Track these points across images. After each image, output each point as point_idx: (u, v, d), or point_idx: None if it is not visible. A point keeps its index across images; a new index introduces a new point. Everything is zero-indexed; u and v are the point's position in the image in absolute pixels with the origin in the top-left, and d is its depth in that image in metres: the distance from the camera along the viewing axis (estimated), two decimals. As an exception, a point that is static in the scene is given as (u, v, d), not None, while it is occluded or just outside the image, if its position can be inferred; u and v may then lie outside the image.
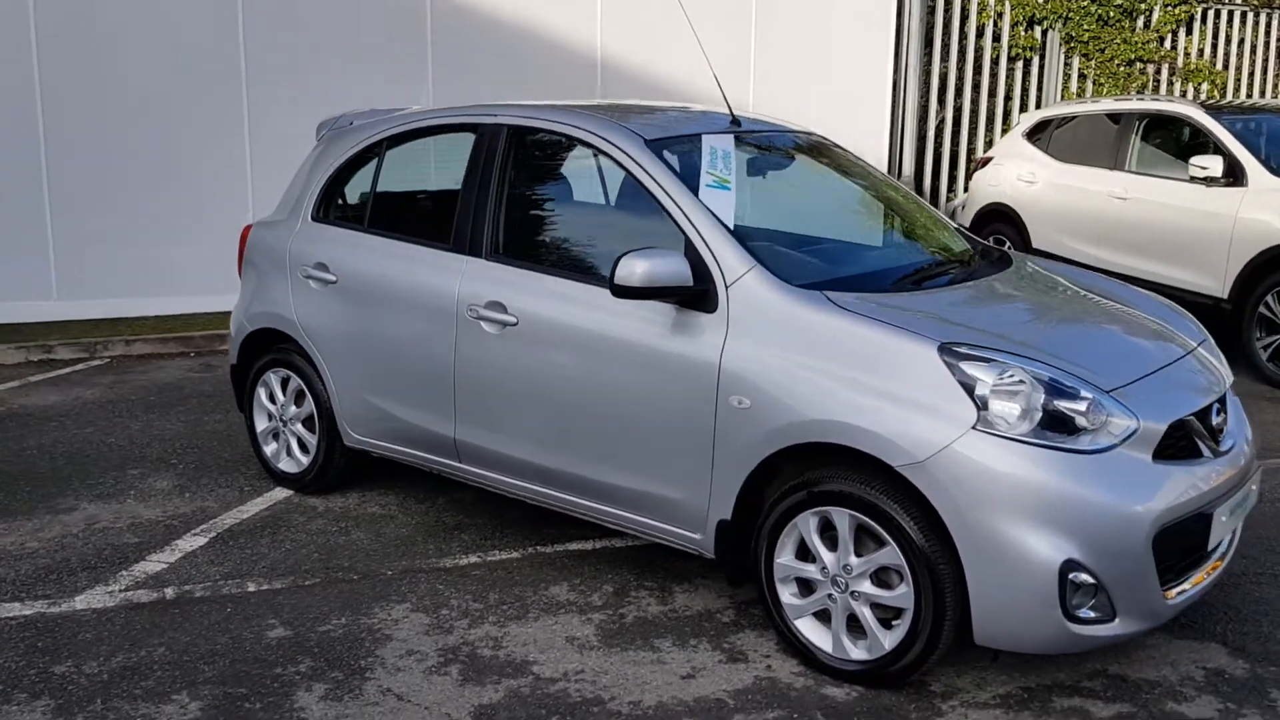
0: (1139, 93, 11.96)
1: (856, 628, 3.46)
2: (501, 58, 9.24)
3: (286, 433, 5.08)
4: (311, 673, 3.55)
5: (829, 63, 10.30)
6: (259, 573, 4.28)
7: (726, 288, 3.64)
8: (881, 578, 3.38)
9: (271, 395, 5.12)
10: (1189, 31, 12.23)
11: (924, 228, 4.63)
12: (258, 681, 3.49)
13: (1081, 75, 11.79)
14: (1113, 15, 11.69)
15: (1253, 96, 12.77)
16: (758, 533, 3.60)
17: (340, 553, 4.47)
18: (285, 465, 5.11)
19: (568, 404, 3.98)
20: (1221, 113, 8.10)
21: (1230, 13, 12.35)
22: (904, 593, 3.31)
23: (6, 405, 6.50)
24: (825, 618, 3.52)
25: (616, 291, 3.61)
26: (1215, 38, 12.38)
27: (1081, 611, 3.17)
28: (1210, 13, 12.23)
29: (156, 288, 8.54)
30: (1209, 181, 7.66)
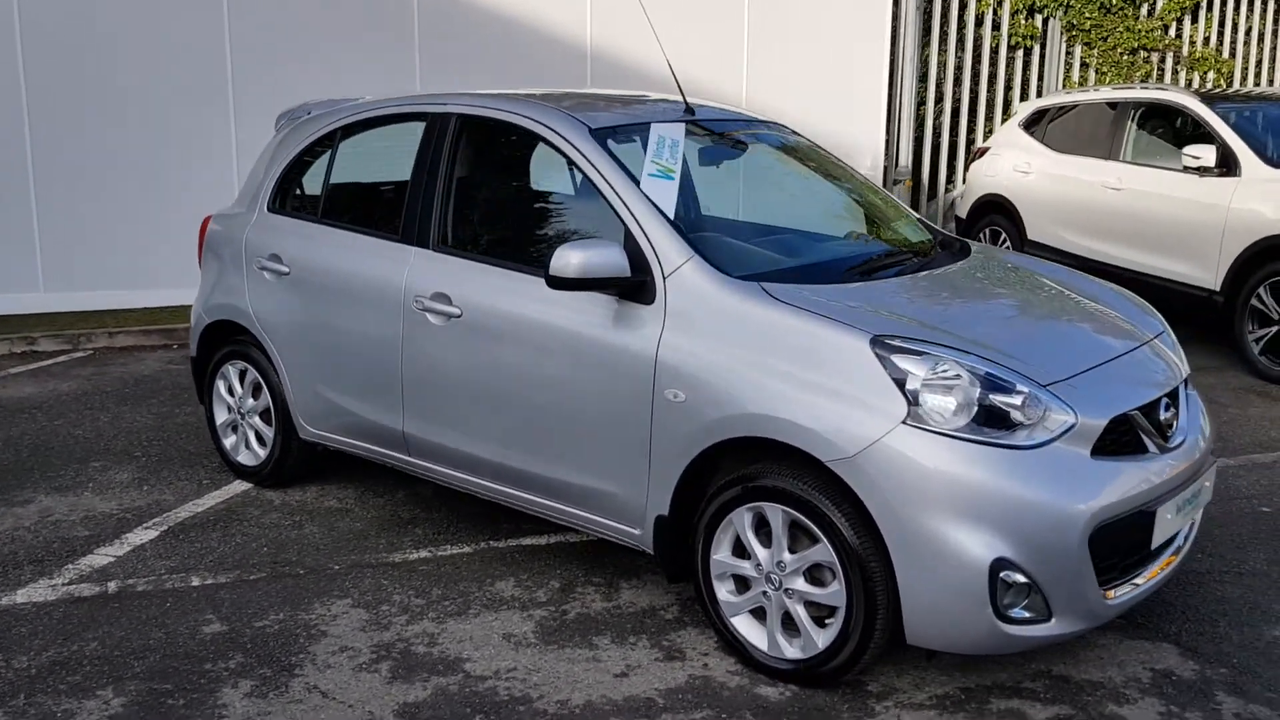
0: (1143, 82, 11.78)
1: (793, 626, 3.38)
2: (490, 48, 9.18)
3: (244, 425, 5.05)
4: (240, 669, 3.50)
5: (824, 51, 10.17)
6: (205, 567, 4.24)
7: (664, 279, 3.56)
8: (815, 575, 3.30)
9: (230, 388, 5.08)
10: (1194, 19, 12.03)
11: (883, 218, 4.55)
12: (185, 677, 3.45)
13: (1084, 64, 11.61)
14: (1115, 3, 11.51)
15: (1260, 86, 12.56)
16: (694, 528, 3.53)
17: (290, 547, 4.43)
18: (244, 458, 5.08)
19: (510, 397, 3.92)
20: (1217, 101, 7.95)
21: (1237, 0, 12.14)
22: (836, 590, 3.23)
23: (-19, 397, 6.50)
24: (761, 615, 3.45)
25: (552, 283, 3.55)
26: (1222, 26, 12.18)
27: (1014, 611, 3.08)
28: (1216, 0, 12.02)
29: (142, 280, 8.53)
30: (1202, 171, 7.52)
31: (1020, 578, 3.05)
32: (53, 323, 8.08)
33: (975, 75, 11.34)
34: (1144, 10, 11.79)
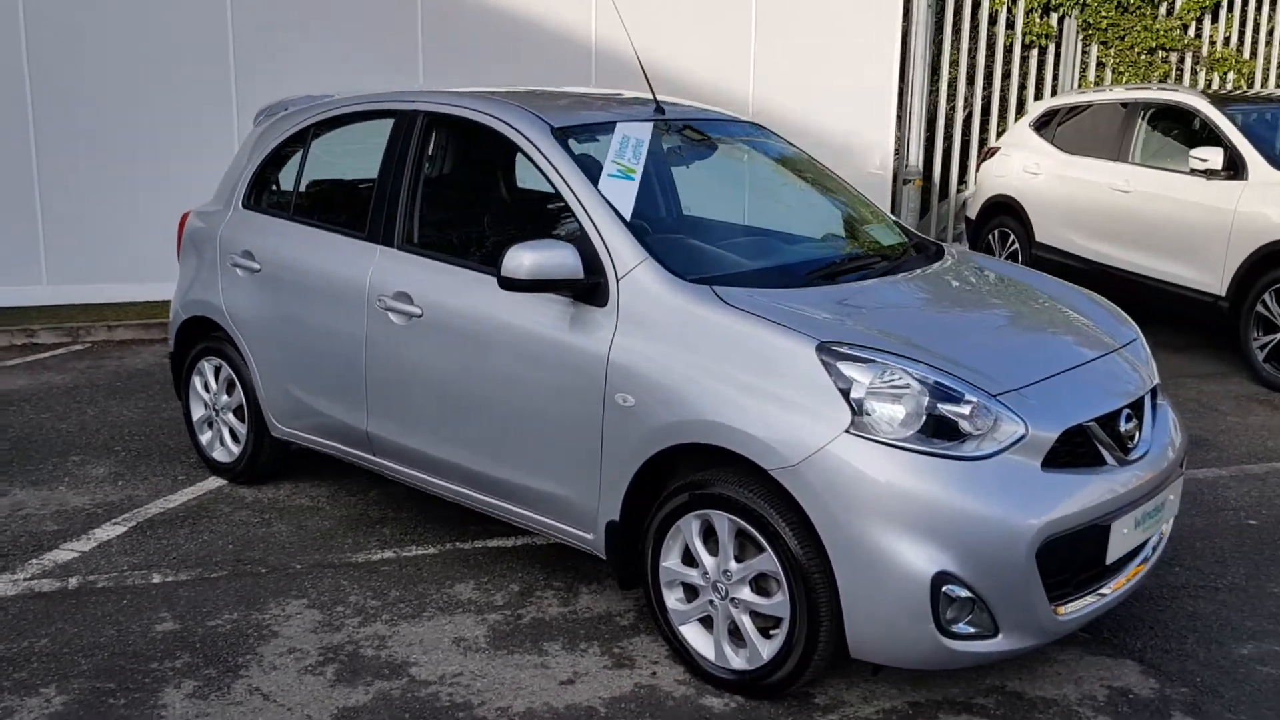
0: (1160, 82, 11.58)
1: (740, 636, 3.32)
2: (494, 43, 9.15)
3: (219, 421, 5.05)
4: (186, 669, 3.49)
5: (832, 49, 10.07)
6: (168, 564, 4.24)
7: (618, 281, 3.51)
8: (761, 585, 3.25)
9: (206, 384, 5.08)
10: (1214, 19, 11.81)
11: (857, 220, 4.47)
12: (129, 676, 3.44)
13: (1100, 64, 11.43)
14: (1133, 2, 11.32)
15: (1283, 87, 12.34)
16: (644, 535, 3.48)
17: (255, 545, 4.42)
18: (218, 454, 5.07)
19: (468, 398, 3.88)
20: (1229, 103, 7.79)
21: (1260, -1, 11.93)
22: (780, 601, 3.17)
23: (-27, 389, 6.55)
24: (709, 624, 3.39)
25: (503, 284, 3.51)
26: (1243, 26, 11.95)
27: (957, 626, 3.01)
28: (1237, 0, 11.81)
29: (143, 274, 8.55)
30: (1209, 174, 7.38)
31: (964, 592, 2.97)
32: (54, 315, 8.13)
33: (989, 74, 11.20)
34: (1162, 9, 11.59)
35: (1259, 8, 11.93)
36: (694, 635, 3.42)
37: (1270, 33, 12.08)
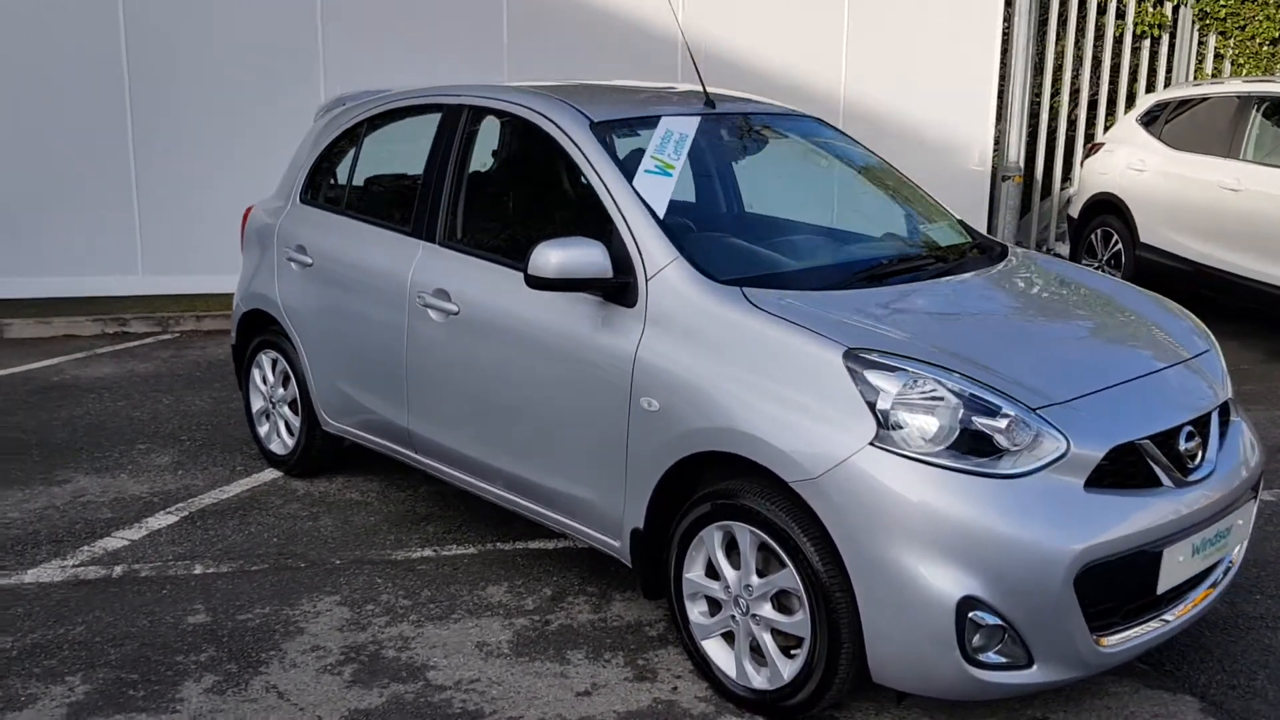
0: (1285, 74, 10.92)
1: (762, 653, 3.17)
2: (579, 36, 9.09)
3: (275, 414, 5.08)
4: (209, 663, 3.49)
5: (929, 40, 9.75)
6: (212, 555, 4.27)
7: (647, 281, 3.39)
8: (783, 602, 3.09)
9: (264, 376, 5.12)
10: (1348, 7, 11.10)
11: (919, 219, 4.26)
12: (153, 668, 3.46)
13: (1218, 55, 10.84)
14: (1256, -11, 10.71)
15: None
16: (669, 544, 3.36)
17: (299, 539, 4.42)
18: (275, 447, 5.11)
19: (502, 398, 3.81)
20: (1351, 96, 7.30)
21: (1400, -15, 11.15)
22: (801, 620, 3.01)
23: (61, 376, 6.75)
24: (731, 640, 3.25)
25: (530, 282, 3.42)
26: (1380, 14, 11.20)
27: (986, 655, 2.81)
28: (1375, -15, 11.07)
29: (235, 265, 8.63)
30: (1326, 172, 6.91)
31: (993, 619, 2.78)
32: (147, 305, 8.36)
33: (1097, 67, 10.71)
34: (1290, -4, 10.94)
35: (1397, -6, 11.16)
36: (716, 650, 3.29)
37: None
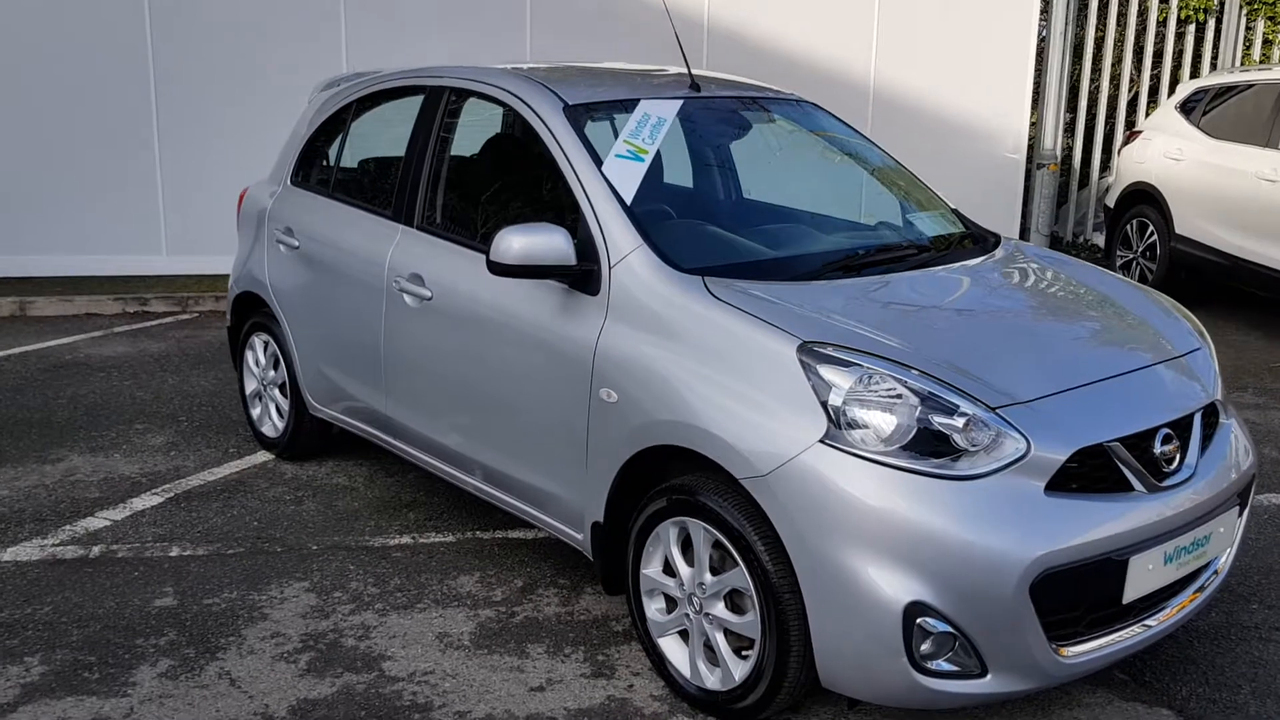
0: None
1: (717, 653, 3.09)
2: (602, 17, 8.99)
3: (266, 397, 5.07)
4: (168, 647, 3.47)
5: (962, 23, 9.52)
6: (191, 537, 4.26)
7: (610, 268, 3.30)
8: (736, 601, 3.00)
9: (257, 359, 5.11)
10: (1406, -10, 10.67)
11: (909, 207, 4.13)
12: (112, 651, 3.45)
13: (1266, 41, 10.47)
14: (1308, -28, 10.33)
15: None
16: (627, 539, 3.28)
17: (279, 523, 4.40)
18: (266, 429, 5.10)
19: (473, 386, 3.75)
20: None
21: None
22: (752, 620, 2.92)
23: (75, 354, 6.81)
24: (688, 638, 3.17)
25: (493, 269, 3.34)
26: None
27: (935, 663, 2.70)
28: None
29: (255, 247, 8.77)
30: (1366, 163, 6.63)
31: (942, 626, 2.66)
32: (169, 285, 8.42)
33: (1139, 52, 10.40)
34: (1346, -20, 10.54)
35: None
36: (672, 649, 3.20)
37: None
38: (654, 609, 3.25)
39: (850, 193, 4.24)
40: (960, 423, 2.72)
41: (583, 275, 3.35)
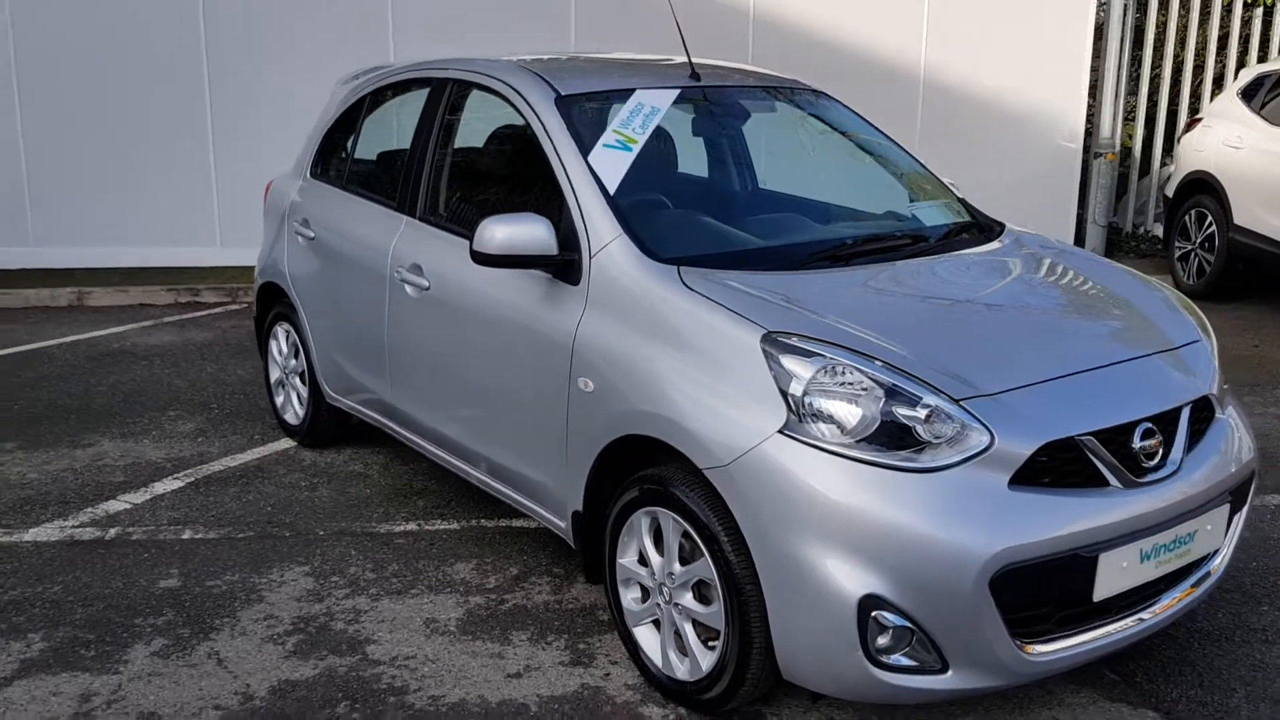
0: None
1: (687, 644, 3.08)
2: (646, 6, 8.96)
3: (288, 385, 5.17)
4: (164, 627, 3.57)
5: (1016, 6, 9.31)
6: (204, 521, 4.37)
7: (590, 258, 3.31)
8: (703, 592, 2.99)
9: (280, 348, 5.21)
10: None
11: (911, 194, 4.06)
12: (110, 629, 3.55)
13: (1340, 24, 10.07)
14: (1385, -49, 9.89)
15: None
16: (603, 528, 3.28)
17: (292, 508, 4.49)
18: (289, 417, 5.21)
19: (465, 374, 3.79)
20: None
21: None
22: (716, 611, 2.91)
23: (122, 343, 7.02)
24: (660, 628, 3.17)
25: (476, 259, 3.37)
26: None
27: (892, 658, 2.66)
28: None
29: (304, 238, 8.94)
30: None
31: (898, 620, 2.62)
32: (220, 276, 8.62)
33: (1203, 37, 10.08)
34: None
35: None
36: (645, 638, 3.21)
37: None
38: (629, 598, 3.25)
39: (852, 181, 4.18)
40: (923, 414, 2.68)
41: (565, 265, 3.36)
